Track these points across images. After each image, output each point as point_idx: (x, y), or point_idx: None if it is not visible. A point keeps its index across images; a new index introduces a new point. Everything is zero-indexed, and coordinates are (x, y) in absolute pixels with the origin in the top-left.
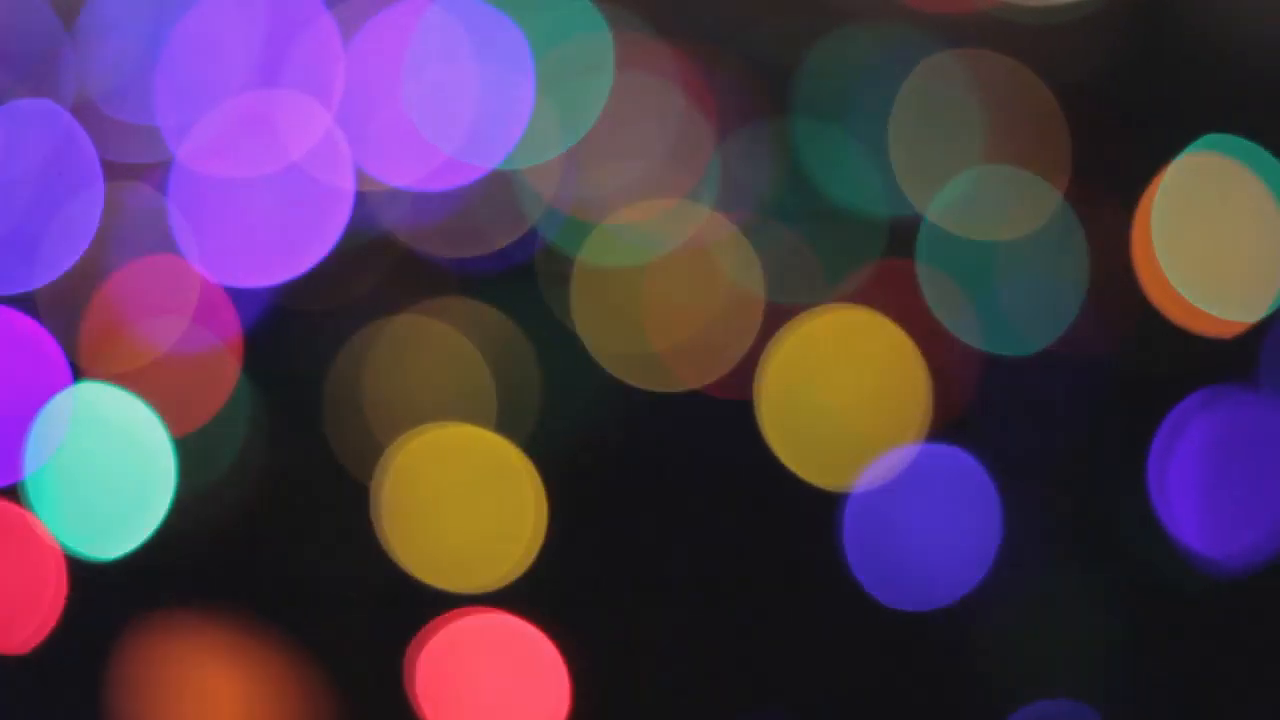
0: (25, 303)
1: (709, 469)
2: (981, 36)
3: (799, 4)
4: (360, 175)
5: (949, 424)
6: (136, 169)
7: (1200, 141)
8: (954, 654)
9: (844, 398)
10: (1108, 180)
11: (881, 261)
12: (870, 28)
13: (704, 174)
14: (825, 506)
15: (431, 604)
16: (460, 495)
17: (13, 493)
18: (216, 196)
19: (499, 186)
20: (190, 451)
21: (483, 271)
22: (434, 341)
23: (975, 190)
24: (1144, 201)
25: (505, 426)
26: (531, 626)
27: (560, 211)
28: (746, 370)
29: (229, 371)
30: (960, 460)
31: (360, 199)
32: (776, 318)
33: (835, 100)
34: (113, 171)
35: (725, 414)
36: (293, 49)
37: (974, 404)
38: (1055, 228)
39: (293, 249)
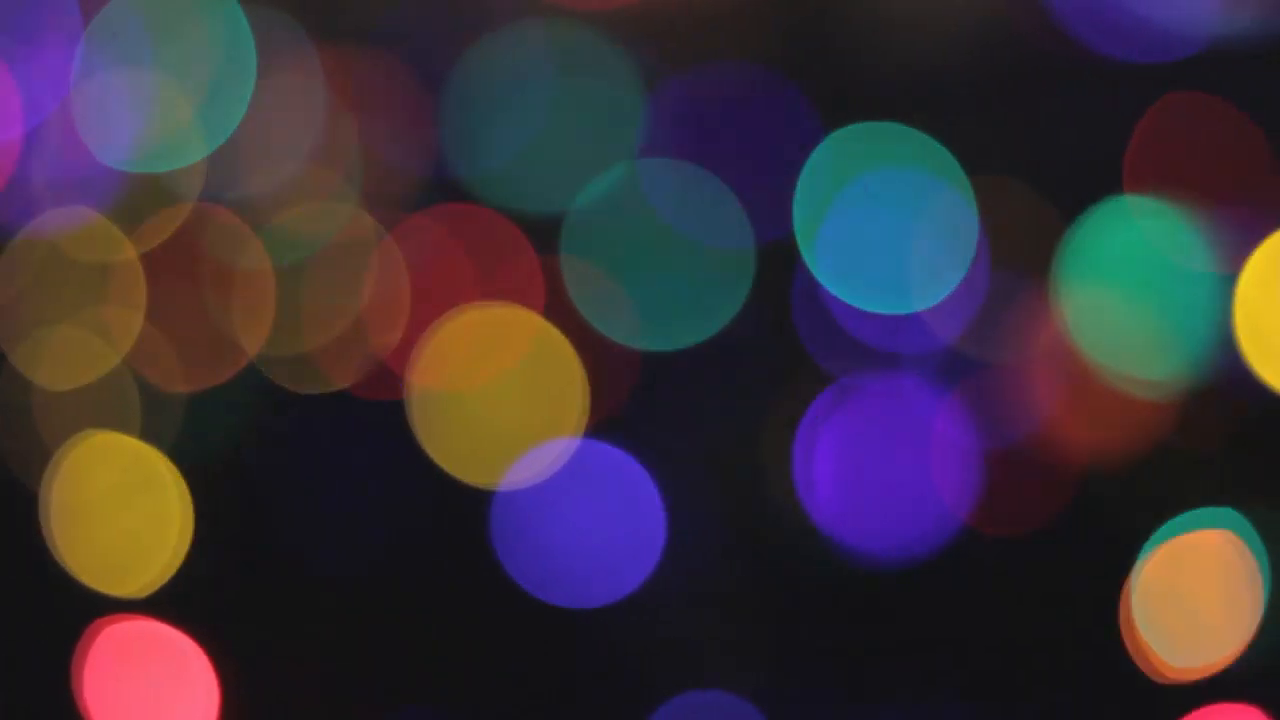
0: None
1: (360, 469)
2: (639, 31)
3: (450, 4)
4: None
5: (602, 420)
6: None
7: (851, 130)
8: (611, 648)
9: (494, 395)
10: (770, 169)
11: (530, 258)
12: (523, 26)
13: (349, 173)
14: (479, 504)
15: (88, 608)
16: (108, 502)
17: None
18: None
19: (141, 189)
20: None
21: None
22: (78, 348)
23: (626, 185)
24: (783, 191)
25: (150, 432)
26: (179, 632)
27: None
28: (397, 369)
29: None
30: (614, 456)
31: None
32: (426, 316)
33: (486, 99)
34: None
35: (376, 414)
36: None
37: (627, 400)
38: (714, 220)
39: None
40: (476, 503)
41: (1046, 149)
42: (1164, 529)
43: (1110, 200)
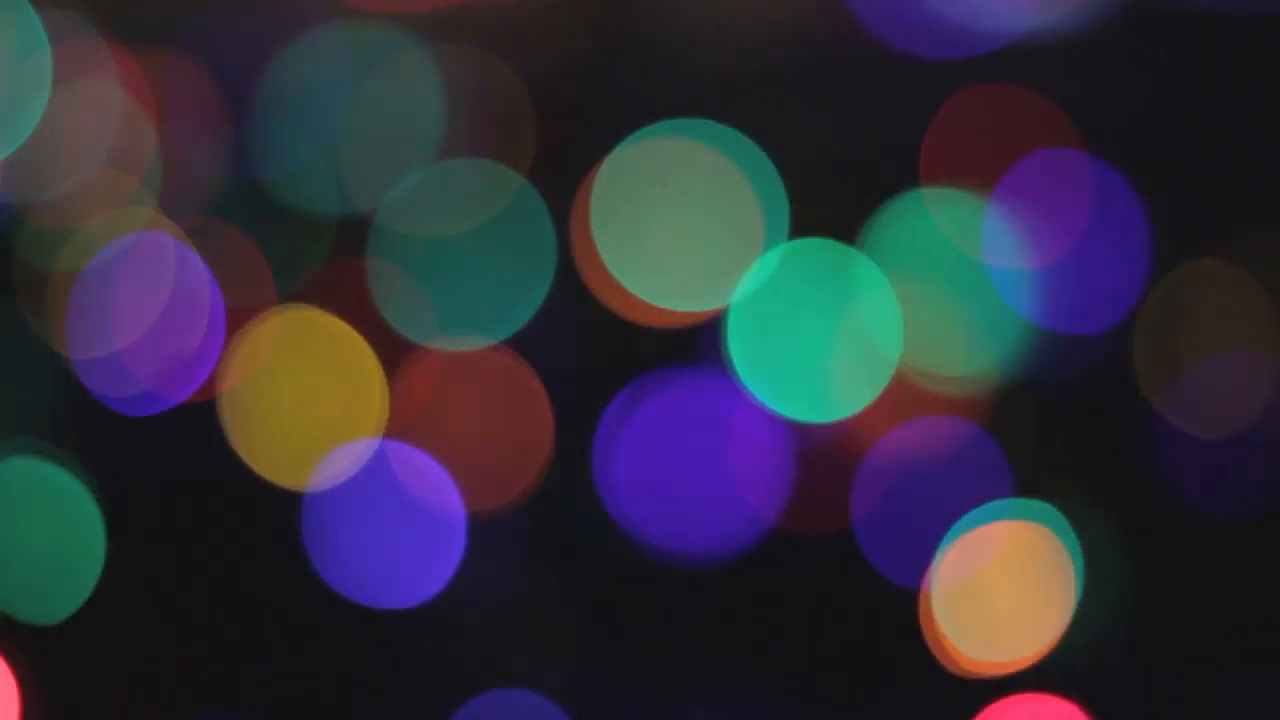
0: None
1: (169, 472)
2: (443, 34)
3: (252, 7)
4: None
5: (407, 421)
6: None
7: (651, 129)
8: (416, 647)
9: (295, 397)
10: (566, 170)
11: (333, 261)
12: (326, 29)
13: (148, 177)
14: (288, 505)
15: None
16: None
17: None
18: None
19: None
20: None
21: None
22: None
23: (428, 186)
24: (582, 190)
25: None
26: None
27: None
28: (202, 371)
29: None
30: (414, 457)
31: None
32: (234, 320)
33: (290, 102)
34: None
35: (185, 416)
36: None
37: (430, 401)
38: (517, 220)
39: None
40: (287, 504)
41: (850, 144)
42: (963, 521)
43: (907, 194)
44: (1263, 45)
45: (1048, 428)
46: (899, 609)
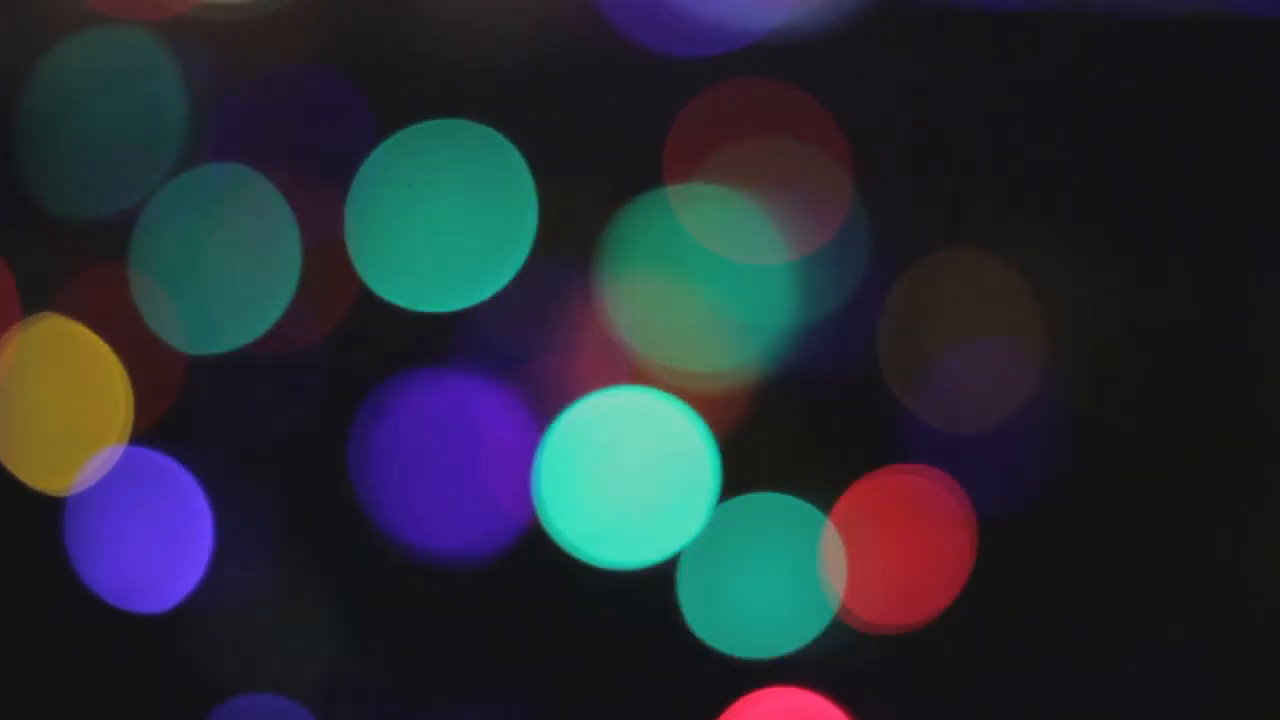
0: None
1: None
2: (193, 38)
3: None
4: None
5: (153, 426)
6: None
7: (410, 130)
8: (167, 651)
9: (45, 404)
10: (314, 172)
11: (91, 267)
12: (77, 36)
13: None
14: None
15: None
16: None
17: None
18: None
19: None
20: None
21: None
22: None
23: (185, 191)
24: (332, 193)
25: None
26: None
27: None
28: None
29: None
30: (159, 462)
31: None
32: None
33: (42, 108)
34: None
35: None
36: None
37: (178, 405)
38: (263, 223)
39: None
40: (48, 508)
41: (601, 143)
42: (715, 515)
43: (655, 192)
44: (1007, 38)
45: (805, 423)
46: (653, 606)
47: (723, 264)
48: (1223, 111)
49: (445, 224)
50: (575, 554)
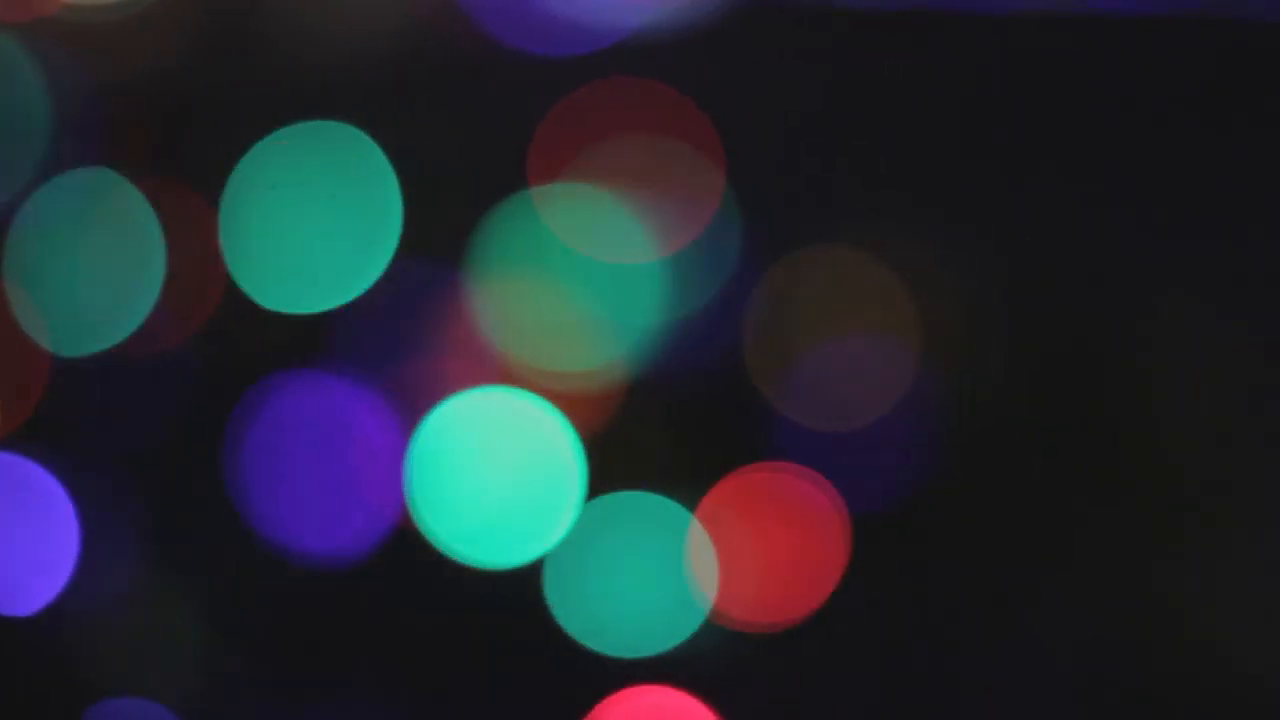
0: None
1: None
2: (55, 41)
3: None
4: None
5: (17, 429)
6: None
7: (282, 132)
8: (31, 656)
9: None
10: (188, 172)
11: None
12: None
13: None
14: None
15: None
16: None
17: None
18: None
19: None
20: None
21: None
22: None
23: (45, 194)
24: (199, 195)
25: None
26: None
27: None
28: None
29: None
30: (23, 466)
31: None
32: None
33: None
34: None
35: None
36: None
37: (41, 406)
38: (125, 225)
39: None
40: None
41: (466, 144)
42: (582, 513)
43: (520, 193)
44: (876, 35)
45: (672, 422)
46: (522, 604)
47: (589, 263)
48: (1099, 107)
49: (311, 225)
50: (445, 553)
